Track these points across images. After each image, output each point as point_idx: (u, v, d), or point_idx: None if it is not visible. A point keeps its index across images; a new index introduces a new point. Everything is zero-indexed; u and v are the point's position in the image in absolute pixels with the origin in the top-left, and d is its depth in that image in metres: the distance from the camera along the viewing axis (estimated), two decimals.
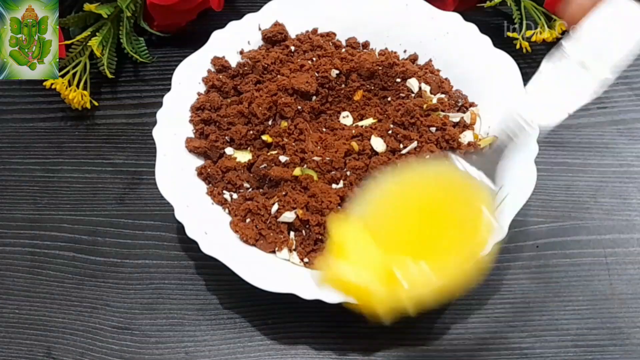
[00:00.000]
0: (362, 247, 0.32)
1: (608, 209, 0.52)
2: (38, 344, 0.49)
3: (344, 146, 0.50)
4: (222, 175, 0.51)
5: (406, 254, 0.32)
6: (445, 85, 0.54)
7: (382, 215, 0.33)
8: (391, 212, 0.34)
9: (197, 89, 0.55)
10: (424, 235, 0.33)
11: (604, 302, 0.48)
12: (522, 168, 0.47)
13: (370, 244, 0.32)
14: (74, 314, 0.50)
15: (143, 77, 0.62)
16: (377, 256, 0.32)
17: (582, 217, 0.52)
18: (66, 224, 0.54)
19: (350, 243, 0.32)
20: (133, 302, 0.50)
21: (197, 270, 0.51)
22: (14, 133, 0.60)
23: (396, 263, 0.31)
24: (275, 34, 0.57)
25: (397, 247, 0.32)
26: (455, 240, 0.33)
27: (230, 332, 0.49)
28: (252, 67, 0.55)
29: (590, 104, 0.57)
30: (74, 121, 0.60)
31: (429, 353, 0.47)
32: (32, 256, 0.53)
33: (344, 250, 0.33)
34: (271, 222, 0.48)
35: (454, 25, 0.55)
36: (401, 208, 0.34)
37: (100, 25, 0.60)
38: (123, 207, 0.55)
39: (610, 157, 0.55)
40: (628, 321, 0.47)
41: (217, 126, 0.53)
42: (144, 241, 0.53)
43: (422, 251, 0.33)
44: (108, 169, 0.57)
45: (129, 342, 0.49)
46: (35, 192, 0.56)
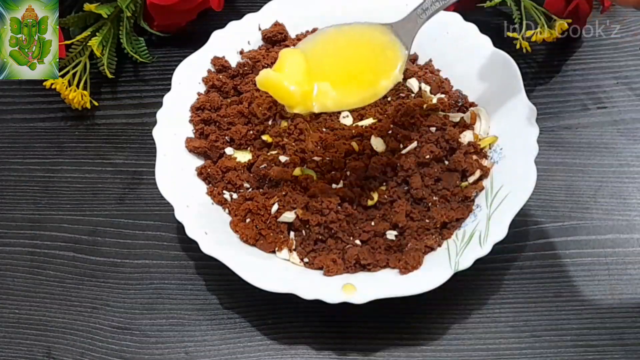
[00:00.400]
0: (296, 67, 0.45)
1: (608, 209, 0.52)
2: (38, 344, 0.49)
3: (344, 146, 0.50)
4: (222, 175, 0.51)
5: (325, 79, 0.45)
6: (445, 85, 0.54)
7: (319, 50, 0.46)
8: (325, 50, 0.47)
9: (197, 89, 0.55)
10: (343, 69, 0.46)
11: (604, 302, 0.48)
12: (522, 168, 0.47)
13: (303, 68, 0.45)
14: (74, 314, 0.50)
15: (143, 77, 0.62)
16: (304, 76, 0.45)
17: (582, 217, 0.52)
18: (66, 224, 0.54)
19: (290, 64, 0.45)
20: (133, 302, 0.50)
21: (197, 270, 0.51)
22: (14, 133, 0.60)
23: (316, 81, 0.45)
24: (275, 34, 0.57)
25: (321, 74, 0.45)
26: (364, 75, 0.46)
27: (230, 332, 0.49)
28: (252, 67, 0.55)
29: (590, 104, 0.58)
30: (74, 121, 0.60)
31: (429, 353, 0.47)
32: (32, 256, 0.53)
33: (283, 67, 0.45)
34: (271, 222, 0.48)
35: (454, 25, 0.55)
36: (332, 48, 0.47)
37: (100, 25, 0.60)
38: (123, 207, 0.55)
39: (610, 157, 0.55)
40: (628, 321, 0.47)
41: (217, 126, 0.53)
42: (144, 241, 0.53)
43: (338, 79, 0.46)
44: (108, 169, 0.57)
45: (129, 342, 0.49)
46: (35, 192, 0.56)
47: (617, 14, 0.62)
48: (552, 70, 0.60)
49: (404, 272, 0.45)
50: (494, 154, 0.50)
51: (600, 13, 0.60)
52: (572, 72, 0.60)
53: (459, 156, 0.49)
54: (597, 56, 0.60)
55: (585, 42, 0.61)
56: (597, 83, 0.59)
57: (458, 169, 0.49)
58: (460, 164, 0.48)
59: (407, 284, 0.44)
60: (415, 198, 0.48)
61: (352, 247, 0.47)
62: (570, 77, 0.59)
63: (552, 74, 0.60)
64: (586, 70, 0.60)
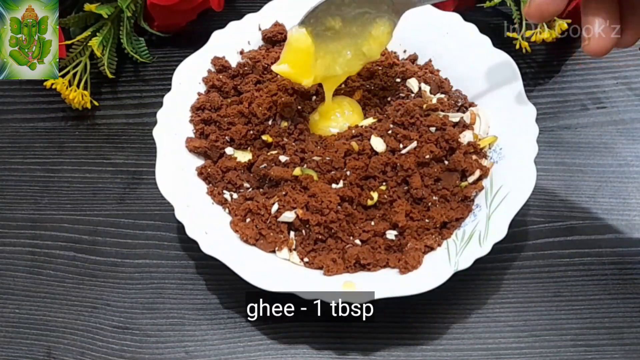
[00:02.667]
0: (304, 52, 0.49)
1: (608, 209, 0.52)
2: (38, 344, 0.49)
3: (344, 146, 0.50)
4: (222, 175, 0.51)
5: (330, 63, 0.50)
6: (445, 85, 0.54)
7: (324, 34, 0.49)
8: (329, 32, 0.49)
9: (198, 89, 0.55)
10: (343, 52, 0.50)
11: (603, 302, 0.48)
12: (521, 168, 0.47)
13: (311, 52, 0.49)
14: (74, 313, 0.50)
15: (143, 77, 0.62)
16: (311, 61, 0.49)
17: (581, 217, 0.52)
18: (66, 224, 0.54)
19: (299, 48, 0.49)
20: (133, 302, 0.50)
21: (197, 270, 0.51)
22: (15, 133, 0.60)
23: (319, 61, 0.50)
24: (275, 34, 0.57)
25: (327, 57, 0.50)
26: (359, 52, 0.50)
27: (230, 331, 0.49)
28: (252, 67, 0.55)
29: (589, 104, 0.58)
30: (74, 121, 0.60)
31: (429, 353, 0.47)
32: (33, 256, 0.53)
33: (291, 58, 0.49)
34: (271, 222, 0.48)
35: (454, 25, 0.55)
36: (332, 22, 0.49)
37: (100, 26, 0.60)
38: (123, 207, 0.55)
39: (610, 157, 0.55)
40: (627, 321, 0.47)
41: (217, 126, 0.53)
42: (144, 241, 0.53)
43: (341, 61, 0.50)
44: (108, 168, 0.57)
45: (129, 341, 0.49)
46: (36, 192, 0.56)
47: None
48: (551, 70, 0.60)
49: (404, 271, 0.45)
50: (493, 153, 0.50)
51: None
52: (572, 72, 0.60)
53: (458, 156, 0.49)
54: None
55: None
56: (597, 83, 0.59)
57: (458, 169, 0.49)
58: (460, 163, 0.48)
59: (407, 284, 0.44)
60: (415, 198, 0.48)
61: (352, 246, 0.47)
62: (569, 77, 0.59)
63: (552, 74, 0.60)
64: (586, 70, 0.60)
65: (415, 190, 0.48)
